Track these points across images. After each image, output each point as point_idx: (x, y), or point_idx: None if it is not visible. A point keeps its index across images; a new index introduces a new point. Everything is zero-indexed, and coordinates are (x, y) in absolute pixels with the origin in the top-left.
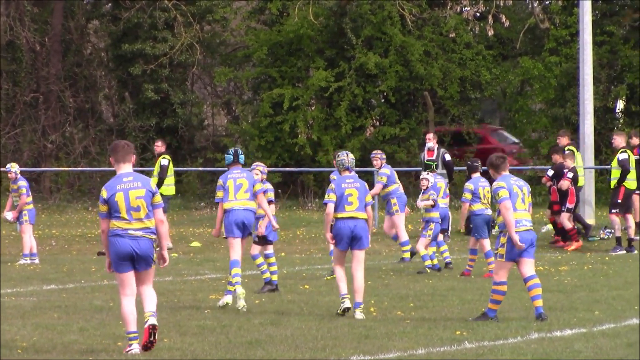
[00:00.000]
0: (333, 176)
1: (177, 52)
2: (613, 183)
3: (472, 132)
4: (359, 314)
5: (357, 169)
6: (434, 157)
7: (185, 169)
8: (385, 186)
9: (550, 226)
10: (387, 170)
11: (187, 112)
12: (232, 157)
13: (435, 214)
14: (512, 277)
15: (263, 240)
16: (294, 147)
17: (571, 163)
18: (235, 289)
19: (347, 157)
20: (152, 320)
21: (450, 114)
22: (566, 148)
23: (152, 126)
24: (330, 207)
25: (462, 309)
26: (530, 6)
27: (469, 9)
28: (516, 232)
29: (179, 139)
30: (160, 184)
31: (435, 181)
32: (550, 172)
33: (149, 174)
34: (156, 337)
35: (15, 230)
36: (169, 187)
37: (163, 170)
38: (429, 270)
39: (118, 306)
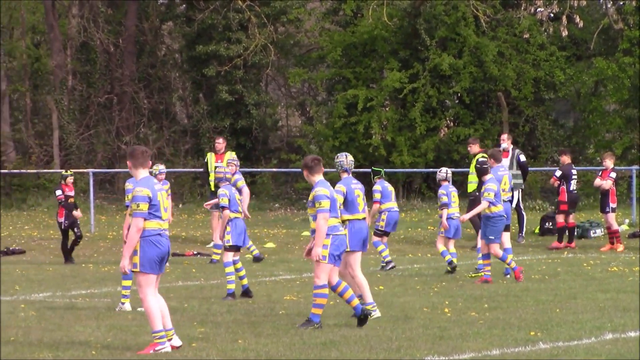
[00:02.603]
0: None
1: (251, 54)
2: None
3: None
4: (377, 312)
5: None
6: (508, 158)
7: (259, 169)
8: None
9: (625, 226)
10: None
11: (261, 113)
12: None
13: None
14: (586, 277)
15: (235, 248)
16: (368, 148)
17: (611, 164)
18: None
19: (346, 158)
20: (177, 341)
21: (524, 115)
22: (479, 155)
23: (227, 127)
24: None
25: (536, 310)
26: (604, 7)
27: (542, 9)
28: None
29: (253, 140)
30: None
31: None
32: (558, 173)
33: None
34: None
35: (90, 232)
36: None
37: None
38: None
39: (191, 308)
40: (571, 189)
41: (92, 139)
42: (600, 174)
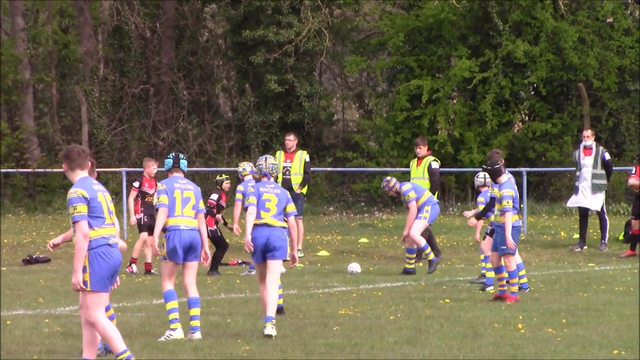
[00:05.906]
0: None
1: (303, 39)
2: None
3: None
4: (269, 329)
5: (509, 169)
6: (591, 156)
7: (312, 169)
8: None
9: None
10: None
11: (315, 106)
12: (171, 161)
13: None
14: None
15: None
16: (434, 145)
17: None
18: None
19: (265, 162)
20: None
21: (608, 108)
22: (431, 159)
23: (275, 121)
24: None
25: (620, 326)
26: None
27: None
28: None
29: (305, 135)
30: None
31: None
32: None
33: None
34: None
35: (123, 238)
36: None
37: (308, 166)
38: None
39: (235, 323)
40: None
41: (125, 135)
42: (634, 172)
